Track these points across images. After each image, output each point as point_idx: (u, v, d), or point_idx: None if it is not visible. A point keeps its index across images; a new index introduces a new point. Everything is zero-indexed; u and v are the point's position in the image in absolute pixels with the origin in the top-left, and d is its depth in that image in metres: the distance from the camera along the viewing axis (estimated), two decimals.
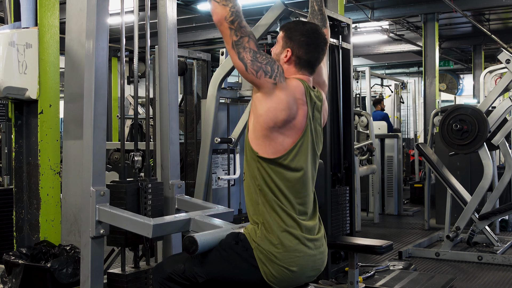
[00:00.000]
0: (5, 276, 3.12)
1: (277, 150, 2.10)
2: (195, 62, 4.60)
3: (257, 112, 2.10)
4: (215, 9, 2.08)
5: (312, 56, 2.20)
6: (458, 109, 5.45)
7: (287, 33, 2.21)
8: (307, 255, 2.12)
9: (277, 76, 2.08)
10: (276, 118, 2.07)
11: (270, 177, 2.11)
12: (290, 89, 2.11)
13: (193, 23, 11.40)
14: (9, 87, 3.42)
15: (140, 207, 2.86)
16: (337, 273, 4.47)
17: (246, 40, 2.07)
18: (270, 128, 2.08)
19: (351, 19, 4.95)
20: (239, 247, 2.13)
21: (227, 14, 2.06)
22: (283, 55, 2.20)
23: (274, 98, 2.08)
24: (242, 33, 2.08)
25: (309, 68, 2.21)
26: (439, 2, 9.36)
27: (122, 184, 2.84)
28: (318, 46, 2.20)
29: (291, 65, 2.19)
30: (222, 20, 2.07)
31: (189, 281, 2.17)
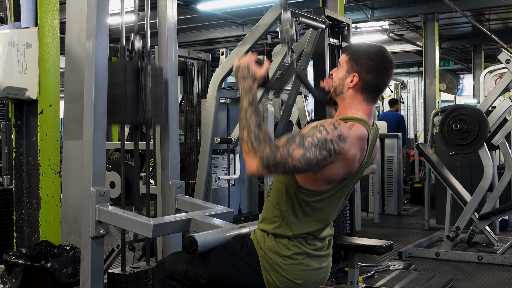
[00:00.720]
0: (5, 276, 3.13)
1: (320, 186, 2.02)
2: (195, 62, 4.59)
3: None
4: (246, 161, 1.91)
5: (381, 82, 2.06)
6: (458, 109, 5.45)
7: (352, 56, 2.07)
8: (312, 269, 2.10)
9: (335, 148, 1.90)
10: (339, 175, 1.99)
11: (300, 204, 2.04)
12: (354, 142, 1.95)
13: (193, 23, 11.41)
14: (9, 87, 3.42)
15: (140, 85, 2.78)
16: (337, 273, 4.47)
17: (290, 160, 1.86)
18: (327, 181, 2.00)
19: (351, 19, 4.95)
20: (244, 252, 2.11)
21: (257, 164, 1.86)
22: (348, 80, 2.06)
23: (339, 161, 1.94)
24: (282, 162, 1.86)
25: (376, 94, 2.08)
26: (439, 2, 9.36)
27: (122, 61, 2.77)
28: (386, 71, 2.06)
29: (357, 91, 2.05)
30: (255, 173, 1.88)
31: (191, 281, 2.17)
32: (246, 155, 1.89)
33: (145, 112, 2.79)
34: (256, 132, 1.89)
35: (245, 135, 1.91)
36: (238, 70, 2.06)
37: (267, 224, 2.10)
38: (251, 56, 2.07)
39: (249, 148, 1.88)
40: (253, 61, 2.06)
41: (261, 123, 1.93)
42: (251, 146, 1.88)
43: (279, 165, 1.86)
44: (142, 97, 2.78)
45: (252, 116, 1.92)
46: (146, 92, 2.80)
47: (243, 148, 1.91)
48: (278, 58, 4.08)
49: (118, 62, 2.79)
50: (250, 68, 2.04)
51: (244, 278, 2.11)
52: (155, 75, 2.87)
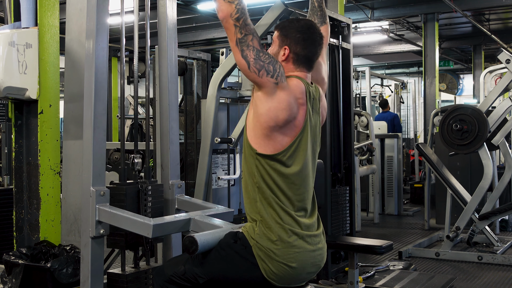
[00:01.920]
0: (5, 276, 3.13)
1: (276, 148, 2.11)
2: (195, 62, 4.60)
3: (257, 111, 2.11)
4: (220, 6, 2.08)
5: (310, 51, 2.20)
6: (458, 109, 5.45)
7: (282, 31, 2.22)
8: (306, 250, 2.12)
9: (278, 75, 2.09)
10: (277, 118, 2.08)
11: (269, 174, 2.11)
12: (291, 88, 2.12)
13: (193, 23, 11.41)
14: (9, 87, 3.42)
15: (140, 209, 2.86)
16: (337, 273, 4.47)
17: (250, 38, 2.08)
18: (270, 128, 2.09)
19: (351, 19, 4.95)
20: (237, 245, 2.13)
21: (232, 11, 2.07)
22: (281, 54, 2.20)
23: (275, 98, 2.08)
24: (246, 31, 2.08)
25: (307, 64, 2.22)
26: (439, 2, 9.36)
27: (122, 186, 2.84)
28: (314, 41, 2.21)
29: (289, 63, 2.20)
30: (227, 17, 2.08)
31: (190, 282, 2.17)
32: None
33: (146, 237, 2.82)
34: None
35: None
36: None
37: (252, 212, 2.15)
38: None
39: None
40: None
41: None
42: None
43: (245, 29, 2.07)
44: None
45: None
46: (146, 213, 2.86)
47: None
48: None
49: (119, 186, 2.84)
50: None
51: (242, 272, 2.12)
52: (155, 195, 2.92)
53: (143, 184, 2.89)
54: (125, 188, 2.82)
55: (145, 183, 2.90)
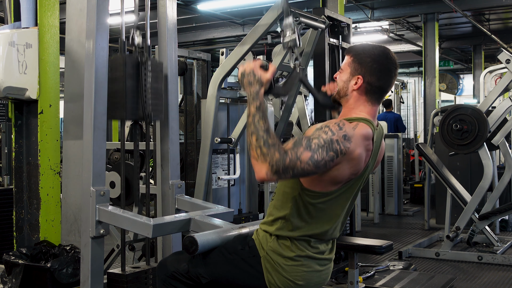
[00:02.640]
0: (5, 276, 3.13)
1: (326, 188, 2.01)
2: (195, 62, 4.59)
3: None
4: (254, 167, 1.89)
5: (385, 83, 2.06)
6: (458, 109, 5.45)
7: (356, 58, 2.06)
8: (314, 270, 2.10)
9: (342, 148, 1.89)
10: (345, 176, 1.98)
11: (306, 206, 2.02)
12: (359, 141, 1.94)
13: (193, 23, 11.41)
14: (9, 87, 3.42)
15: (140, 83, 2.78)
16: (337, 273, 4.47)
17: (298, 163, 1.85)
18: (332, 183, 1.99)
19: (351, 19, 4.95)
20: (245, 252, 2.11)
21: (267, 170, 1.85)
22: (352, 83, 2.05)
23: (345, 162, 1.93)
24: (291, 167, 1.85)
25: (380, 95, 2.08)
26: (439, 2, 9.36)
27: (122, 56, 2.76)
28: (390, 72, 2.06)
29: (361, 93, 2.05)
30: (265, 178, 1.86)
31: (192, 281, 2.17)
32: (255, 160, 1.87)
33: (145, 107, 2.79)
34: (265, 137, 1.88)
35: (254, 141, 1.89)
36: (243, 76, 2.05)
37: (270, 226, 2.09)
38: (256, 62, 2.06)
39: (258, 154, 1.86)
40: (258, 66, 2.04)
41: (269, 128, 1.91)
42: (260, 152, 1.86)
43: (288, 170, 1.84)
44: (142, 92, 2.78)
45: (260, 122, 1.91)
46: (146, 87, 2.80)
47: (251, 154, 1.89)
48: (278, 58, 4.08)
49: (118, 57, 2.78)
50: (255, 73, 2.03)
51: (245, 278, 2.11)
52: (155, 70, 2.87)
53: (142, 57, 2.79)
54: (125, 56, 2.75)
55: (144, 56, 2.81)
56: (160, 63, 2.97)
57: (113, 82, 2.72)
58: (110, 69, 2.66)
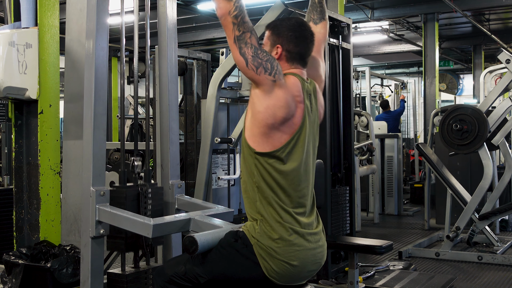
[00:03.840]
0: (5, 276, 3.12)
1: (274, 145, 2.12)
2: (195, 62, 4.60)
3: (255, 109, 2.11)
4: (219, 4, 2.10)
5: (302, 48, 2.22)
6: (458, 109, 5.45)
7: (274, 30, 2.24)
8: (306, 248, 2.13)
9: (276, 73, 2.10)
10: (275, 116, 2.09)
11: (268, 172, 2.12)
12: (289, 86, 2.13)
13: (193, 23, 11.41)
14: (9, 87, 3.42)
15: (140, 212, 2.85)
16: (337, 273, 4.47)
17: (248, 35, 2.09)
18: (268, 125, 2.10)
19: (351, 19, 4.95)
20: (238, 244, 2.13)
21: (231, 8, 2.08)
22: (273, 52, 2.21)
23: (273, 96, 2.09)
24: (244, 28, 2.09)
25: (301, 61, 2.23)
26: (439, 2, 9.36)
27: (122, 189, 2.83)
28: (306, 38, 2.23)
29: (283, 61, 2.21)
30: (225, 15, 2.09)
31: (191, 282, 2.17)
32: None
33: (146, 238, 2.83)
34: None
35: None
36: None
37: (252, 212, 2.15)
38: None
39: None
40: None
41: None
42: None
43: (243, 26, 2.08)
44: None
45: None
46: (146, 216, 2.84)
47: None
48: None
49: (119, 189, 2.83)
50: None
51: (243, 271, 2.12)
52: (155, 197, 2.92)
53: (143, 187, 2.89)
54: (125, 191, 2.82)
55: (145, 186, 2.90)
56: (161, 188, 3.01)
57: None
58: (111, 199, 2.68)
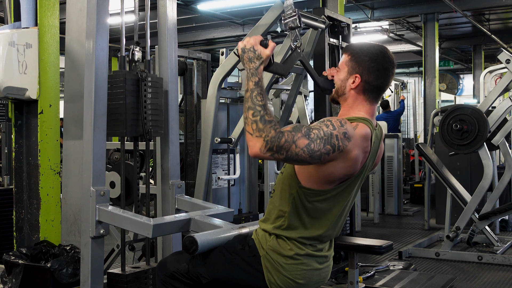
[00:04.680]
0: (5, 276, 3.12)
1: (324, 187, 2.01)
2: (195, 62, 4.59)
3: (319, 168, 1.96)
4: (248, 142, 1.89)
5: (383, 82, 2.07)
6: (458, 109, 5.45)
7: (354, 57, 2.07)
8: (314, 269, 2.10)
9: (340, 145, 1.89)
10: (340, 175, 1.98)
11: (304, 205, 2.03)
12: (358, 142, 1.95)
13: (193, 23, 11.41)
14: (9, 87, 3.42)
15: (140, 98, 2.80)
16: (337, 273, 4.47)
17: (294, 147, 1.85)
18: (328, 181, 1.99)
19: (351, 19, 4.95)
20: (245, 252, 2.11)
21: (261, 145, 1.84)
22: (350, 81, 2.06)
23: (341, 159, 1.93)
24: (285, 147, 1.85)
25: (378, 94, 2.09)
26: (439, 2, 9.36)
27: (121, 73, 2.78)
28: (388, 71, 2.08)
29: (359, 92, 2.06)
30: (258, 154, 1.86)
31: (192, 281, 2.16)
32: (249, 135, 1.87)
33: (145, 123, 2.80)
34: (262, 112, 1.88)
35: (250, 116, 1.89)
36: (244, 52, 2.03)
37: (269, 224, 2.10)
38: (256, 38, 2.04)
39: (254, 129, 1.86)
40: (258, 43, 2.03)
41: (267, 105, 1.91)
42: (256, 127, 1.86)
43: (282, 150, 1.84)
44: (142, 109, 2.79)
45: (258, 97, 1.91)
46: (146, 103, 2.81)
47: (246, 128, 1.89)
48: (279, 58, 4.07)
49: (118, 73, 2.80)
50: (256, 49, 2.01)
51: (246, 278, 2.11)
52: (155, 86, 2.88)
53: (142, 73, 2.81)
54: (125, 73, 2.76)
55: (144, 72, 2.83)
56: (160, 79, 2.98)
57: (112, 98, 2.73)
58: (110, 85, 2.67)
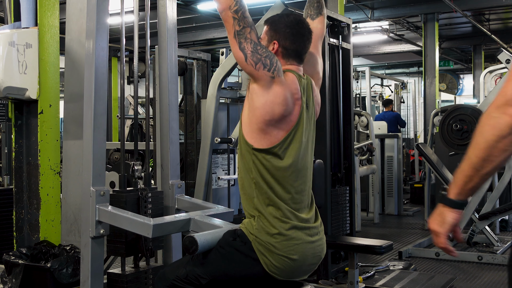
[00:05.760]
0: (5, 276, 3.12)
1: (271, 141, 2.13)
2: (195, 62, 4.60)
3: (253, 105, 2.12)
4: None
5: (299, 46, 2.23)
6: (458, 109, 5.45)
7: (272, 26, 2.25)
8: (305, 242, 2.13)
9: (275, 70, 2.10)
10: (273, 112, 2.10)
11: (266, 168, 2.12)
12: (287, 83, 2.14)
13: (193, 23, 11.41)
14: (9, 87, 3.42)
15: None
16: (337, 273, 4.47)
17: (248, 31, 2.10)
18: (266, 122, 2.11)
19: (351, 19, 4.95)
20: (237, 242, 2.13)
21: (231, 3, 2.10)
22: (270, 48, 2.22)
23: (271, 92, 2.10)
24: (245, 23, 2.10)
25: (297, 57, 2.25)
26: (439, 2, 9.36)
27: (122, 194, 2.83)
28: (303, 36, 2.24)
29: (278, 57, 2.21)
30: (226, 9, 2.11)
31: (192, 284, 2.17)
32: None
33: (145, 240, 2.83)
34: None
35: None
36: None
37: (250, 208, 2.15)
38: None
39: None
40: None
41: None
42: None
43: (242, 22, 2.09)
44: None
45: None
46: None
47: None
48: None
49: (119, 194, 2.83)
50: None
51: (243, 269, 2.13)
52: (155, 201, 2.91)
53: (143, 191, 2.89)
54: (125, 195, 2.82)
55: (145, 190, 2.90)
56: (161, 192, 3.00)
57: None
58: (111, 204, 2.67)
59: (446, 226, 1.62)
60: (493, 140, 1.45)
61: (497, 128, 1.45)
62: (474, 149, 1.51)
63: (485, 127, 1.48)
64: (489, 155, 1.47)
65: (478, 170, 1.50)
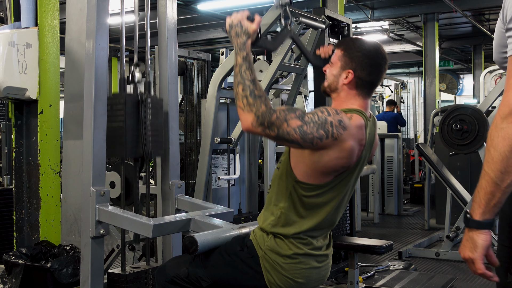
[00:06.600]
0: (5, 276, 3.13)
1: (320, 181, 2.02)
2: (195, 62, 4.60)
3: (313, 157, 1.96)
4: (240, 117, 1.89)
5: (375, 78, 2.07)
6: (458, 109, 5.45)
7: (347, 52, 2.07)
8: (313, 267, 2.10)
9: (334, 132, 1.89)
10: (336, 167, 1.98)
11: (300, 199, 2.04)
12: (354, 132, 1.95)
13: (193, 23, 11.42)
14: (9, 87, 3.42)
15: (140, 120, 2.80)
16: (337, 273, 4.47)
17: (285, 125, 1.85)
18: (324, 172, 1.99)
19: (351, 19, 4.95)
20: (244, 253, 2.11)
21: (252, 120, 1.85)
22: (343, 77, 2.06)
23: (336, 149, 1.92)
24: (277, 124, 1.85)
25: (370, 90, 2.09)
26: (439, 2, 9.37)
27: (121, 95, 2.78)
28: (380, 66, 2.07)
29: (352, 87, 2.06)
30: (250, 128, 1.87)
31: (192, 285, 2.16)
32: (241, 110, 1.88)
33: (145, 144, 2.81)
34: (251, 87, 1.88)
35: (240, 90, 1.89)
36: (231, 27, 2.03)
37: (267, 222, 2.09)
38: (243, 13, 2.04)
39: (244, 104, 1.87)
40: (245, 17, 2.03)
41: (256, 79, 1.91)
42: (246, 102, 1.86)
43: (274, 126, 1.85)
44: (142, 130, 2.79)
45: (247, 71, 1.91)
46: (146, 125, 2.81)
47: (237, 104, 1.90)
48: (278, 58, 4.07)
49: (118, 95, 2.80)
50: (242, 24, 2.01)
51: (246, 279, 2.11)
52: (155, 107, 2.88)
53: (142, 95, 2.81)
54: (124, 95, 2.76)
55: (144, 94, 2.83)
56: (160, 100, 2.97)
57: (112, 120, 2.73)
58: (110, 106, 2.66)
59: (479, 250, 1.54)
60: (508, 151, 1.44)
61: (508, 138, 1.44)
62: (490, 164, 1.49)
63: (496, 139, 1.46)
64: (506, 166, 1.45)
65: (498, 184, 1.49)
